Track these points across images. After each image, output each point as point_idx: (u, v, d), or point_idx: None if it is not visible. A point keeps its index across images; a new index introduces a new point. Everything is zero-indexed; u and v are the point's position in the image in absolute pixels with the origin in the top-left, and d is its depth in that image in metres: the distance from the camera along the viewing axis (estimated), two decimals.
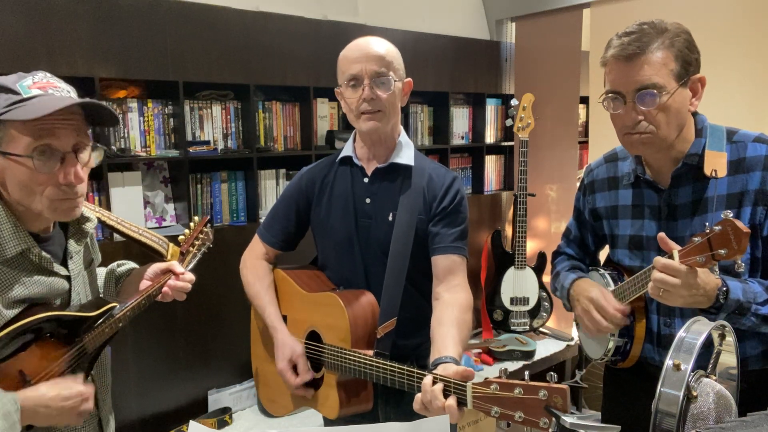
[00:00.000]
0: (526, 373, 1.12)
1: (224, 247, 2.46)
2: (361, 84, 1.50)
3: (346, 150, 1.66)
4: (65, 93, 1.15)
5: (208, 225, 1.67)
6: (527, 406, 1.09)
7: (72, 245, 1.27)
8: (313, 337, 1.62)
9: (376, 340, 1.52)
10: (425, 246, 1.57)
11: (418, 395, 1.26)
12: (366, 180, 1.61)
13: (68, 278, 1.24)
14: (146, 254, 1.54)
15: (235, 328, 2.56)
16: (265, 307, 1.67)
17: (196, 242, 1.61)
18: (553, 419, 1.05)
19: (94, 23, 2.21)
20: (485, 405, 1.15)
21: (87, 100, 1.13)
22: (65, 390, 1.12)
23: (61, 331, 1.16)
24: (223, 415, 2.50)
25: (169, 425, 2.45)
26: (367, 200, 1.60)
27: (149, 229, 1.65)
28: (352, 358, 1.48)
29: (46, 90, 1.12)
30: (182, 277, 1.43)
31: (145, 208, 2.52)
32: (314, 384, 1.62)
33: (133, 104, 2.40)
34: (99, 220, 1.43)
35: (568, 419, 1.03)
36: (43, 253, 1.18)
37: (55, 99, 1.10)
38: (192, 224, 1.64)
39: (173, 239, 1.63)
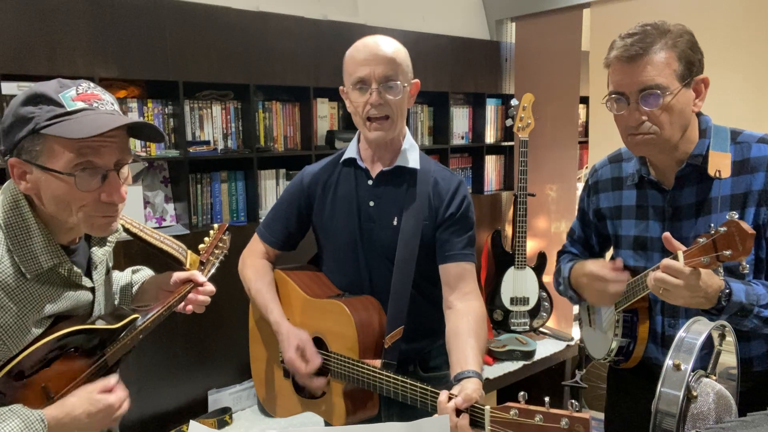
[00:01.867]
0: (547, 399, 1.09)
1: None
2: (369, 88, 1.46)
3: (350, 151, 1.62)
4: (109, 106, 1.10)
5: (227, 233, 1.63)
6: None
7: (96, 255, 1.24)
8: (317, 343, 1.59)
9: (384, 350, 1.50)
10: (430, 252, 1.55)
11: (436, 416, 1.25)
12: (370, 183, 1.58)
13: (92, 289, 1.21)
14: (146, 254, 1.52)
15: (235, 328, 2.56)
16: (267, 304, 1.63)
17: (216, 251, 1.58)
18: None
19: (94, 23, 2.20)
20: (503, 430, 1.13)
21: (138, 120, 1.09)
22: (92, 406, 1.09)
23: (84, 345, 1.14)
24: (223, 415, 2.50)
25: (169, 425, 2.45)
26: (371, 203, 1.57)
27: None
28: (360, 369, 1.46)
29: (90, 103, 1.07)
30: (203, 289, 1.39)
31: (145, 208, 2.52)
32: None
33: (133, 104, 2.40)
34: (123, 227, 1.38)
35: None
36: (75, 268, 1.15)
37: (102, 117, 1.05)
38: (211, 232, 1.61)
39: (181, 238, 1.61)
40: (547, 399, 1.10)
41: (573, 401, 1.07)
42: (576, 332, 3.40)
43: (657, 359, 1.49)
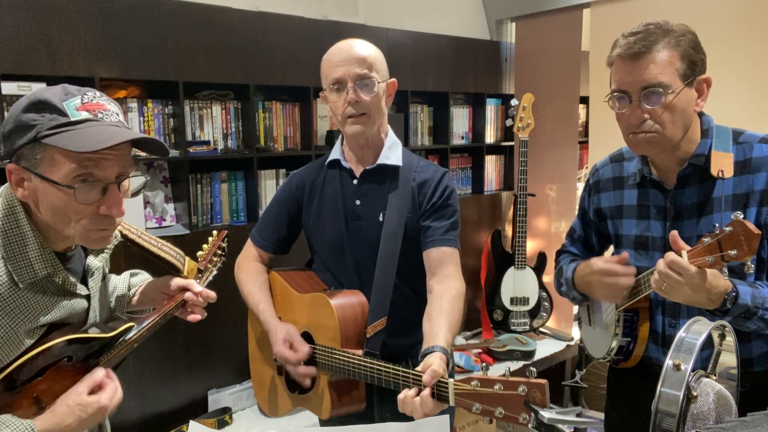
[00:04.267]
0: (508, 367, 1.13)
1: None
2: (345, 87, 1.50)
3: (334, 153, 1.66)
4: (114, 117, 1.07)
5: (225, 240, 1.63)
6: (507, 402, 1.10)
7: (92, 261, 1.22)
8: (307, 338, 1.62)
9: (366, 339, 1.52)
10: (416, 245, 1.57)
11: (401, 395, 1.28)
12: (355, 182, 1.62)
13: (87, 297, 1.19)
14: (145, 257, 1.51)
15: (234, 328, 2.56)
16: (258, 304, 1.67)
17: (214, 258, 1.57)
18: (532, 414, 1.05)
19: (94, 23, 2.20)
20: (466, 401, 1.16)
21: (142, 135, 1.07)
22: (83, 411, 1.06)
23: (78, 354, 1.11)
24: (223, 415, 2.50)
25: (169, 425, 2.45)
26: (357, 201, 1.60)
27: (148, 230, 1.62)
28: (341, 357, 1.49)
29: (95, 113, 1.04)
30: (204, 296, 1.37)
31: (145, 208, 2.52)
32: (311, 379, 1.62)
33: (133, 104, 2.40)
34: (120, 233, 1.35)
35: (546, 414, 1.04)
36: (70, 278, 1.13)
37: (107, 130, 1.02)
38: (210, 239, 1.60)
39: (175, 240, 1.61)
40: (507, 367, 1.13)
41: (531, 368, 1.09)
42: (576, 332, 3.40)
43: (657, 359, 1.49)
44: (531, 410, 1.06)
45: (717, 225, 1.19)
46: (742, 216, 1.15)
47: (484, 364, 1.17)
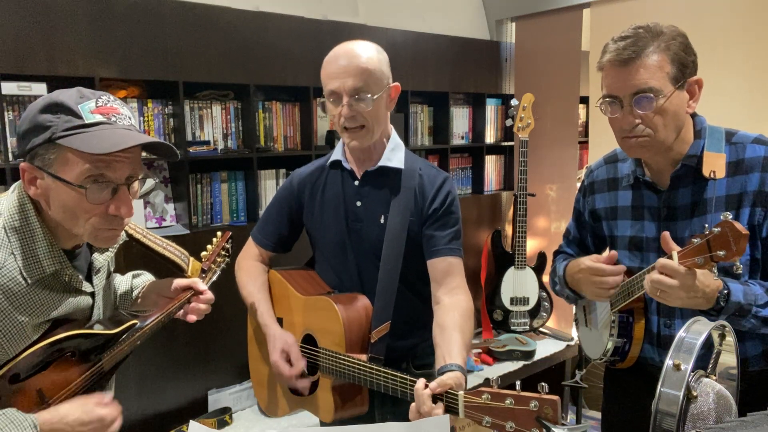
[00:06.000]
0: (518, 383, 1.11)
1: None
2: (341, 101, 1.47)
3: (336, 154, 1.65)
4: (126, 120, 1.10)
5: (230, 241, 1.63)
6: (518, 417, 1.09)
7: (97, 259, 1.24)
8: (309, 340, 1.62)
9: (370, 344, 1.52)
10: (418, 248, 1.57)
11: (413, 404, 1.27)
12: (356, 183, 1.60)
13: (92, 294, 1.21)
14: (146, 257, 1.51)
15: (234, 328, 2.56)
16: (258, 306, 1.66)
17: (218, 259, 1.58)
18: (544, 430, 1.05)
19: (94, 23, 2.21)
20: (477, 414, 1.16)
21: (153, 140, 1.10)
22: (85, 415, 1.09)
23: (81, 349, 1.14)
24: (223, 415, 2.50)
25: (169, 425, 2.45)
26: (358, 203, 1.60)
27: (150, 229, 1.62)
28: (346, 363, 1.48)
29: (108, 117, 1.07)
30: (203, 297, 1.38)
31: (145, 208, 2.53)
32: (310, 385, 1.62)
33: (133, 104, 2.40)
34: (126, 232, 1.38)
35: (558, 431, 1.03)
36: (79, 276, 1.16)
37: (119, 133, 1.06)
38: (215, 240, 1.60)
39: (175, 240, 1.61)
40: (518, 382, 1.11)
41: (543, 383, 1.08)
42: (576, 332, 3.40)
43: (653, 359, 1.50)
44: (543, 426, 1.06)
45: (706, 225, 1.19)
46: (730, 216, 1.16)
47: (496, 377, 1.16)
